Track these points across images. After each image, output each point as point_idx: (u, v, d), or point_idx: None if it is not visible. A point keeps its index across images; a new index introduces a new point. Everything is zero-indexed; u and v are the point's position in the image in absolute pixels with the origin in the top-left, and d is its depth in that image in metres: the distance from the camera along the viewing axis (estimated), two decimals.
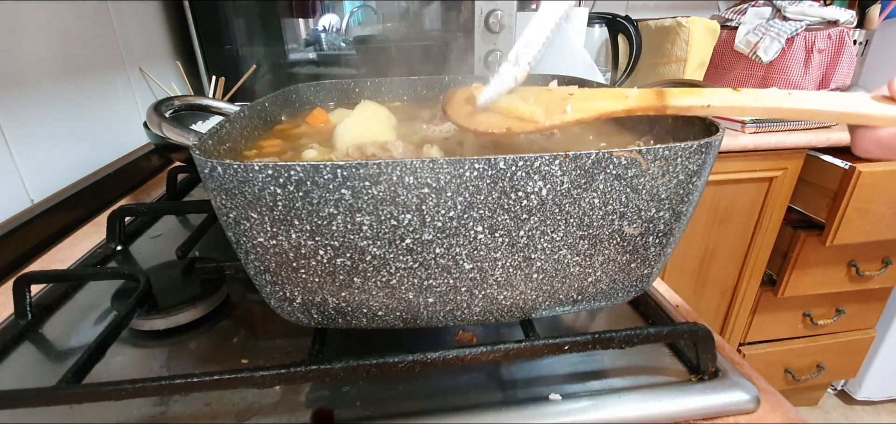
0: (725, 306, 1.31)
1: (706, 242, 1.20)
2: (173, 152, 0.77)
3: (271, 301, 0.35)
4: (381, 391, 0.38)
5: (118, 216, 0.62)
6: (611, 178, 0.29)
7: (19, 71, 0.66)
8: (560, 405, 0.36)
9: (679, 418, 0.36)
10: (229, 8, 1.02)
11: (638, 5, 1.51)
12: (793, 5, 1.16)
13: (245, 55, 1.06)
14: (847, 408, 1.57)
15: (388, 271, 0.31)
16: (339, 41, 1.09)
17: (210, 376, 0.32)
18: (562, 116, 0.35)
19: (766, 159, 1.08)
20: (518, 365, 0.41)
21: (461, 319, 0.35)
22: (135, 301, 0.43)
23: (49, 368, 0.42)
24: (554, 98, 0.38)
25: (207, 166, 0.29)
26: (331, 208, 0.28)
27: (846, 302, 1.30)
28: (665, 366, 0.40)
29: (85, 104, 0.80)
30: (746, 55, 1.21)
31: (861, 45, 1.30)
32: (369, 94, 0.63)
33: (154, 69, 0.99)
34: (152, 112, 0.39)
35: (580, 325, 0.46)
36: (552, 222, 0.30)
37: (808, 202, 1.15)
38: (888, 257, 1.21)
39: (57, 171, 0.72)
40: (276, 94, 0.54)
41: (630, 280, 0.36)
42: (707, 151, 0.31)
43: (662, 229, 0.33)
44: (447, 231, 0.29)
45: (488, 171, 0.27)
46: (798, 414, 0.36)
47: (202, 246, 0.60)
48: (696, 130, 0.36)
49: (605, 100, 0.35)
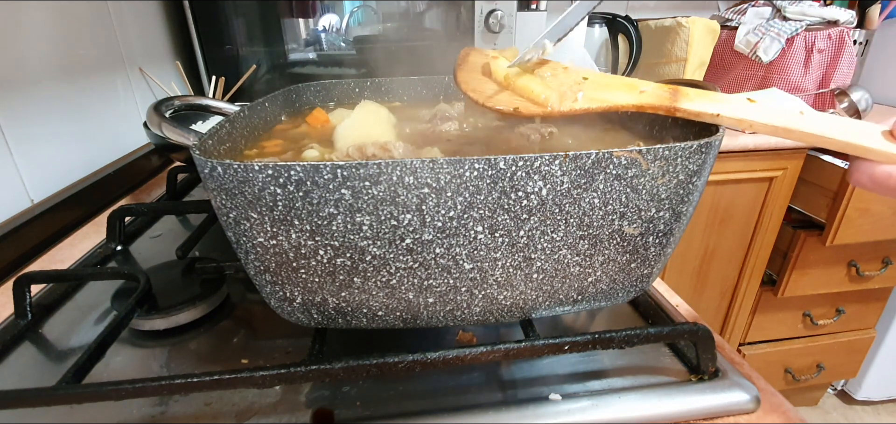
0: (725, 306, 1.31)
1: (706, 242, 1.20)
2: (173, 152, 0.77)
3: (271, 301, 0.35)
4: (381, 391, 0.38)
5: (118, 216, 0.62)
6: (611, 178, 0.29)
7: (19, 71, 0.66)
8: (560, 405, 0.36)
9: (679, 418, 0.36)
10: (229, 8, 1.02)
11: (638, 5, 1.51)
12: (793, 5, 1.16)
13: (245, 55, 1.06)
14: (847, 408, 1.57)
15: (388, 271, 0.31)
16: (339, 41, 1.09)
17: (210, 376, 0.32)
18: (571, 104, 0.35)
19: (766, 159, 1.08)
20: (518, 365, 0.41)
21: (461, 319, 0.35)
22: (135, 301, 0.43)
23: (49, 368, 0.42)
24: (568, 80, 0.38)
25: (207, 166, 0.29)
26: (331, 208, 0.28)
27: (846, 302, 1.30)
28: (665, 366, 0.40)
29: (85, 104, 0.80)
30: (746, 55, 1.21)
31: (861, 45, 1.29)
32: (369, 94, 0.63)
33: (154, 69, 0.99)
34: (152, 112, 0.39)
35: (580, 325, 0.46)
36: (552, 222, 0.30)
37: (808, 202, 1.15)
38: (888, 257, 1.21)
39: (57, 171, 0.72)
40: (276, 94, 0.54)
41: (630, 280, 0.36)
42: (707, 151, 0.31)
43: (662, 229, 0.33)
44: (447, 231, 0.29)
45: (488, 171, 0.27)
46: (798, 414, 0.36)
47: (202, 246, 0.60)
48: (696, 130, 0.36)
49: (618, 91, 0.35)
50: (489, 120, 0.51)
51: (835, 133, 0.28)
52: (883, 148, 0.27)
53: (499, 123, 0.51)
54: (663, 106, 0.33)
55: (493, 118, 0.51)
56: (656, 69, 1.28)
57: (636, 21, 1.18)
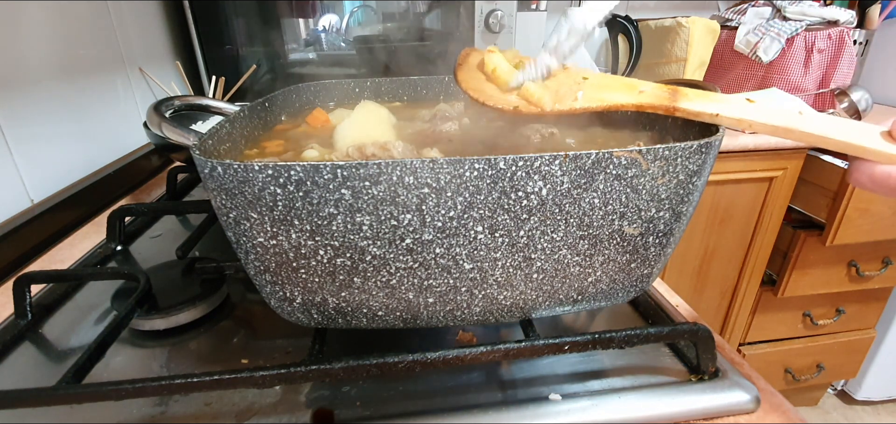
0: (725, 306, 1.31)
1: (706, 242, 1.20)
2: (173, 152, 0.77)
3: (271, 301, 0.35)
4: (381, 391, 0.38)
5: (118, 216, 0.62)
6: (611, 178, 0.29)
7: (19, 71, 0.66)
8: (560, 405, 0.36)
9: (679, 418, 0.36)
10: (229, 8, 1.02)
11: (638, 5, 1.51)
12: (793, 5, 1.16)
13: (245, 55, 1.06)
14: (847, 408, 1.57)
15: (388, 271, 0.31)
16: (339, 41, 1.09)
17: (210, 376, 0.32)
18: (571, 104, 0.35)
19: (766, 158, 1.08)
20: (518, 365, 0.41)
21: (461, 319, 0.35)
22: (135, 301, 0.43)
23: (49, 368, 0.42)
24: (568, 80, 0.38)
25: (207, 166, 0.29)
26: (331, 208, 0.28)
27: (846, 302, 1.30)
28: (665, 366, 0.40)
29: (85, 104, 0.80)
30: (746, 55, 1.21)
31: (861, 45, 1.30)
32: (369, 94, 0.63)
33: (154, 69, 0.99)
34: (152, 112, 0.39)
35: (580, 325, 0.46)
36: (552, 222, 0.30)
37: (808, 202, 1.15)
38: (888, 257, 1.21)
39: (57, 171, 0.72)
40: (276, 94, 0.54)
41: (630, 280, 0.36)
42: (707, 151, 0.31)
43: (662, 229, 0.33)
44: (447, 231, 0.29)
45: (488, 171, 0.27)
46: (798, 414, 0.36)
47: (202, 246, 0.60)
48: (696, 130, 0.36)
49: (618, 91, 0.35)
50: (489, 120, 0.51)
51: (834, 133, 0.28)
52: (882, 148, 0.27)
53: (499, 123, 0.51)
54: (663, 106, 0.33)
55: (494, 118, 0.51)
56: (656, 69, 1.28)
57: (636, 21, 1.18)
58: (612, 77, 0.38)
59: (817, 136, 0.28)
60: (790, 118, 0.30)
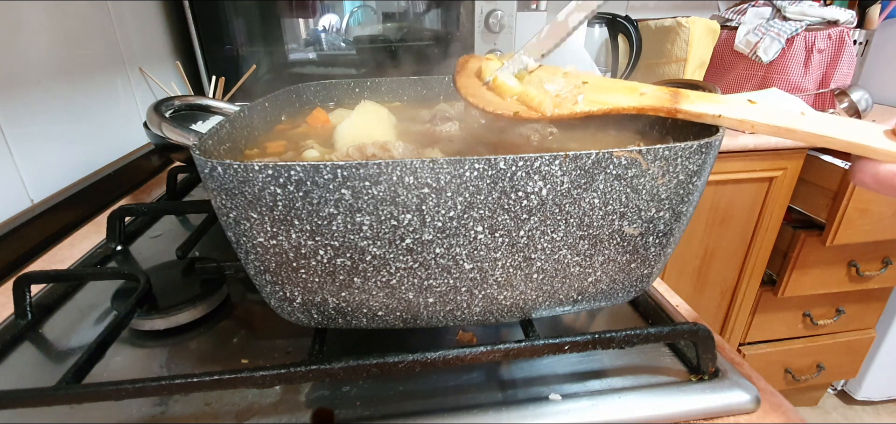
0: (725, 306, 1.31)
1: (706, 242, 1.20)
2: (173, 152, 0.77)
3: (271, 301, 0.35)
4: (381, 391, 0.38)
5: (118, 216, 0.62)
6: (611, 178, 0.29)
7: (19, 71, 0.66)
8: (560, 405, 0.36)
9: (679, 418, 0.36)
10: (229, 8, 1.02)
11: (638, 5, 1.51)
12: (793, 5, 1.16)
13: (245, 55, 1.06)
14: (847, 408, 1.57)
15: (388, 271, 0.31)
16: (339, 41, 1.09)
17: (210, 376, 0.32)
18: (572, 108, 0.35)
19: (766, 158, 1.08)
20: (518, 365, 0.41)
21: (461, 319, 0.35)
22: (135, 301, 0.43)
23: (49, 368, 0.42)
24: (568, 84, 0.38)
25: (207, 166, 0.29)
26: (331, 208, 0.28)
27: (846, 302, 1.30)
28: (665, 366, 0.40)
29: (85, 104, 0.80)
30: (746, 55, 1.21)
31: (861, 45, 1.29)
32: (369, 94, 0.63)
33: (154, 69, 0.99)
34: (152, 112, 0.39)
35: (580, 325, 0.46)
36: (552, 222, 0.30)
37: (808, 202, 1.15)
38: (888, 257, 1.21)
39: (57, 171, 0.72)
40: (277, 94, 0.54)
41: (630, 280, 0.36)
42: (707, 151, 0.31)
43: (662, 229, 0.33)
44: (447, 231, 0.29)
45: (488, 171, 0.27)
46: (798, 414, 0.36)
47: (202, 246, 0.60)
48: (696, 130, 0.36)
49: (618, 93, 0.35)
50: (489, 120, 0.51)
51: (837, 133, 0.28)
52: (886, 147, 0.27)
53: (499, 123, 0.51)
54: (664, 108, 0.33)
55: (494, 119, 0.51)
56: (656, 69, 1.28)
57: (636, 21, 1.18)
58: (613, 81, 0.38)
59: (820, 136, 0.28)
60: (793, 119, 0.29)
